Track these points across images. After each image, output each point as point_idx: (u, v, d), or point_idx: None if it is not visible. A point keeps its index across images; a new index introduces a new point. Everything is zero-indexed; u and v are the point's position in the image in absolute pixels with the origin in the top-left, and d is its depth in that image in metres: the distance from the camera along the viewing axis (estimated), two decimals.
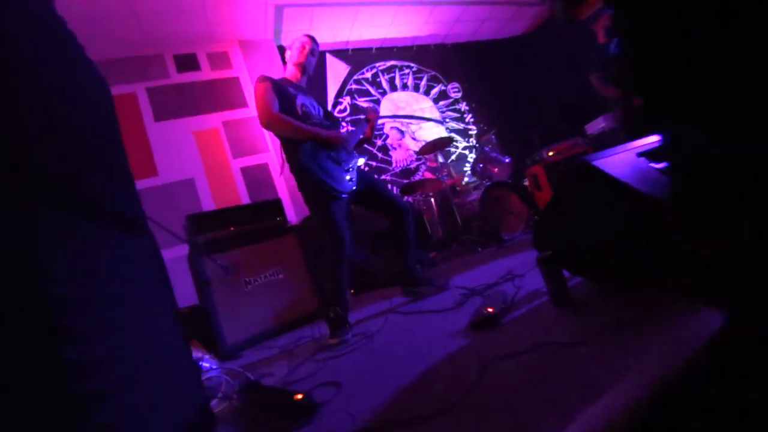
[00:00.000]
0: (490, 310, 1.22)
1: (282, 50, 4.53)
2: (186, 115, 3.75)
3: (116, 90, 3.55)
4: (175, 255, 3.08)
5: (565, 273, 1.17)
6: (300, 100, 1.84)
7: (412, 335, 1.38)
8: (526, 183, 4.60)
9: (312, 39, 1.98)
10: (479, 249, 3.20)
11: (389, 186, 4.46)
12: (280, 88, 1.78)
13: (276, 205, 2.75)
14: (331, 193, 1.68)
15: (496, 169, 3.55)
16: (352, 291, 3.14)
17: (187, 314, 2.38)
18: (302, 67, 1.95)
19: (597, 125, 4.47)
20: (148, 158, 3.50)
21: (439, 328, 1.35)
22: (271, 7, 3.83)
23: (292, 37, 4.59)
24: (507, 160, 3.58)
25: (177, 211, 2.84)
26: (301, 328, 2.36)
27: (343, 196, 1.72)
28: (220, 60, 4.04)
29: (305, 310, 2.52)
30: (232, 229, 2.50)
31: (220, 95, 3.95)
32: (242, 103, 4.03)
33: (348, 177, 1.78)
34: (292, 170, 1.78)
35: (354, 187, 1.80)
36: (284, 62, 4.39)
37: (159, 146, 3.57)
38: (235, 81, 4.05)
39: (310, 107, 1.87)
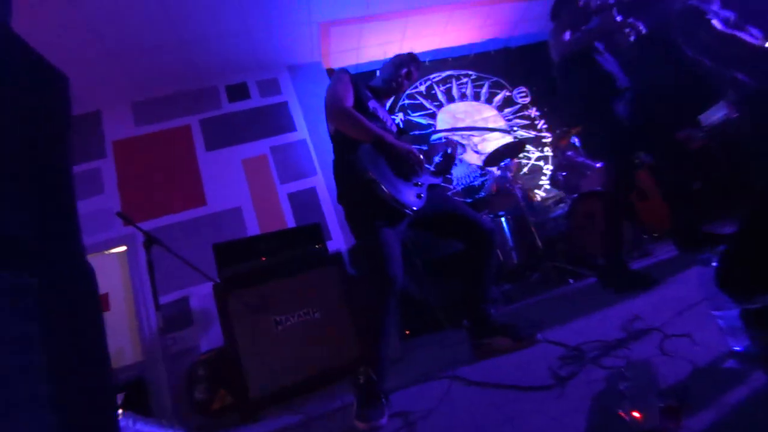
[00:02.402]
0: (636, 415, 0.62)
1: (331, 74, 4.38)
2: (235, 143, 3.69)
3: (173, 123, 3.62)
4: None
5: None
6: (372, 104, 1.62)
7: None
8: None
9: (410, 59, 1.75)
10: (570, 281, 2.46)
11: None
12: (357, 85, 1.58)
13: (315, 231, 2.37)
14: (392, 204, 1.33)
15: (584, 178, 2.82)
16: (408, 332, 2.59)
17: (214, 358, 2.07)
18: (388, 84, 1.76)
19: (717, 113, 3.48)
20: (197, 188, 3.45)
21: (535, 428, 0.77)
22: (315, 27, 3.69)
23: (342, 58, 4.54)
24: (598, 165, 2.83)
25: (222, 241, 2.61)
26: (339, 382, 1.88)
27: (407, 211, 1.37)
28: (269, 87, 3.99)
29: (346, 359, 2.04)
30: (263, 259, 2.18)
31: (269, 121, 3.85)
32: (290, 127, 3.89)
33: (417, 193, 1.45)
34: (343, 179, 1.49)
35: (422, 205, 1.43)
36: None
37: (209, 176, 3.52)
38: (283, 105, 3.94)
39: (382, 114, 1.63)
